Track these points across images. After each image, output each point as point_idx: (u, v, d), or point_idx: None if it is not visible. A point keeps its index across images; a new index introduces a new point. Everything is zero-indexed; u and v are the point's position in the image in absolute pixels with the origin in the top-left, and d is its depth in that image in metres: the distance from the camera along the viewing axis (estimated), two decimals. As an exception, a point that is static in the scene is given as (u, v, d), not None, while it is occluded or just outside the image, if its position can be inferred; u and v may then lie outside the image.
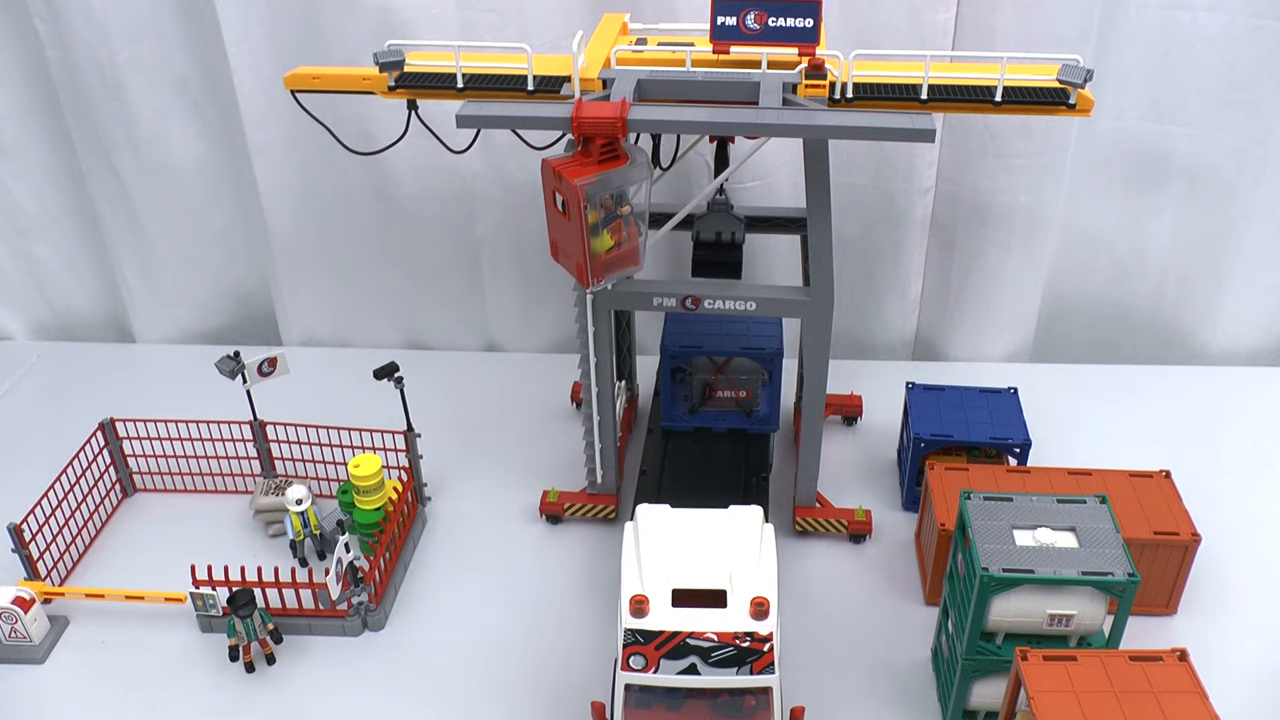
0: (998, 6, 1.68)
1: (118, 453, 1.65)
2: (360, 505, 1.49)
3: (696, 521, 1.22)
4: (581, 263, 1.26)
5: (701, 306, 1.40)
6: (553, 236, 1.31)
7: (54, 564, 1.50)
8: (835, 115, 1.24)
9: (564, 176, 1.21)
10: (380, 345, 2.09)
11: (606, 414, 1.51)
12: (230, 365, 1.52)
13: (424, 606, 1.47)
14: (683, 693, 1.10)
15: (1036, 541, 1.19)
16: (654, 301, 1.41)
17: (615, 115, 1.20)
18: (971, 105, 1.30)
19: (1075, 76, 1.27)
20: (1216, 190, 1.86)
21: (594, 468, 1.56)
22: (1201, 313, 1.99)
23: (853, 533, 1.54)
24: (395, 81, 1.35)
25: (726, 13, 1.31)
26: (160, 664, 1.39)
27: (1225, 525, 1.51)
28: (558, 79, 1.34)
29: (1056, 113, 1.29)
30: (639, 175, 1.26)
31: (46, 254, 2.09)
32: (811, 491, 1.54)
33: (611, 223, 1.27)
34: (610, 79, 1.32)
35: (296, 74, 1.41)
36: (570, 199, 1.21)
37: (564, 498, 1.59)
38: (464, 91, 1.33)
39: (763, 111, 1.24)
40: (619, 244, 1.29)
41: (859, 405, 1.78)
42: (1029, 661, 1.11)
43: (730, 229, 1.47)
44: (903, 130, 1.21)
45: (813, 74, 1.30)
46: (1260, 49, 1.71)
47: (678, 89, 1.33)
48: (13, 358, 2.06)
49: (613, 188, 1.24)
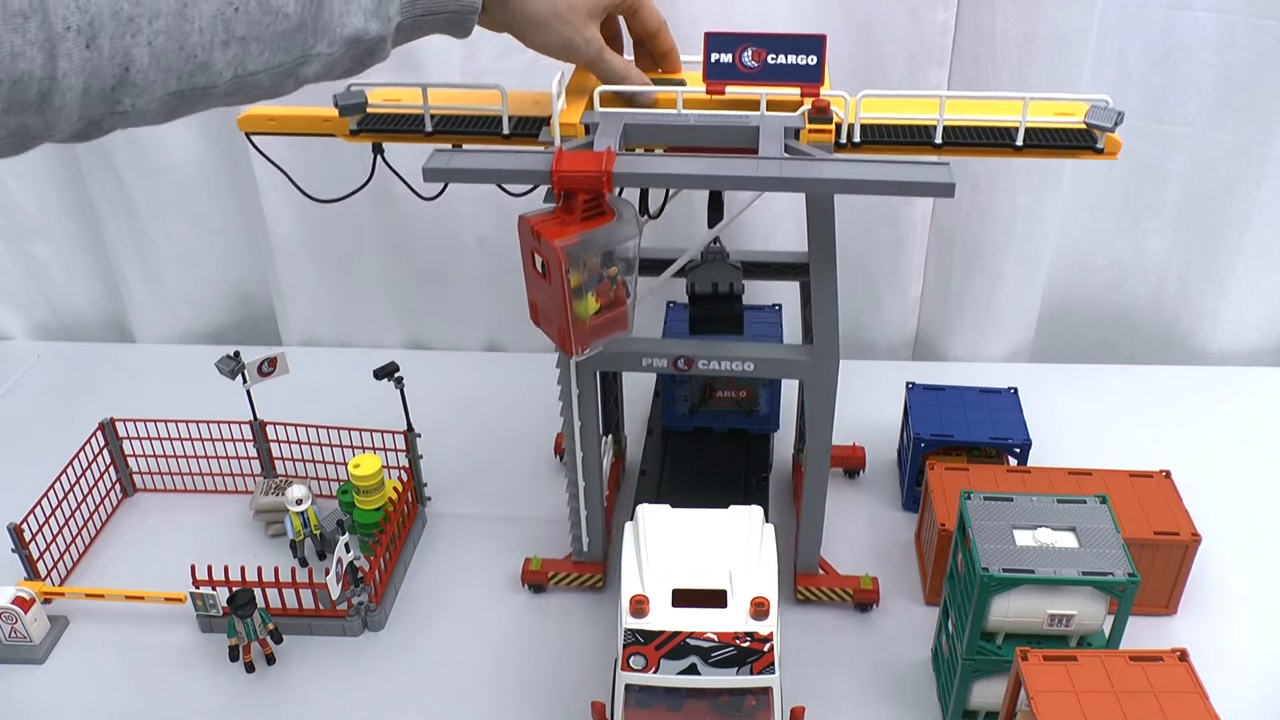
0: (998, 6, 1.68)
1: (118, 453, 1.65)
2: (360, 505, 1.49)
3: (696, 521, 1.22)
4: (564, 329, 1.12)
5: (695, 368, 1.29)
6: (532, 298, 1.18)
7: (54, 564, 1.50)
8: (843, 167, 1.10)
9: (543, 237, 1.07)
10: (380, 345, 2.09)
11: (593, 479, 1.40)
12: (230, 365, 1.52)
13: (424, 606, 1.47)
14: (683, 693, 1.10)
15: (1036, 541, 1.19)
16: (644, 363, 1.30)
17: (599, 169, 1.07)
18: (990, 149, 1.19)
19: (1105, 120, 1.17)
20: (1216, 190, 1.86)
21: (579, 534, 1.46)
22: (1201, 313, 1.99)
23: (858, 602, 1.43)
24: (357, 125, 1.25)
25: (721, 49, 1.20)
26: (160, 664, 1.39)
27: (1225, 525, 1.51)
28: (536, 120, 1.23)
29: (1082, 157, 1.19)
30: (627, 233, 1.12)
31: (46, 254, 2.09)
32: (814, 558, 1.44)
33: (597, 285, 1.13)
34: (594, 123, 1.20)
35: (250, 115, 1.29)
36: (551, 261, 1.08)
37: (548, 566, 1.48)
38: (433, 135, 1.23)
39: (763, 163, 1.11)
40: (605, 307, 1.15)
41: (862, 457, 1.67)
42: (1029, 661, 1.11)
43: (728, 279, 1.38)
44: (919, 185, 1.07)
45: (817, 118, 1.18)
46: (1260, 49, 1.71)
47: (668, 134, 1.21)
48: (13, 358, 2.07)
49: (598, 247, 1.10)
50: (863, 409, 1.78)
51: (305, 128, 1.29)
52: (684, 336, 1.53)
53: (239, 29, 0.87)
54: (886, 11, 1.71)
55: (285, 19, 0.90)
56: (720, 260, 1.40)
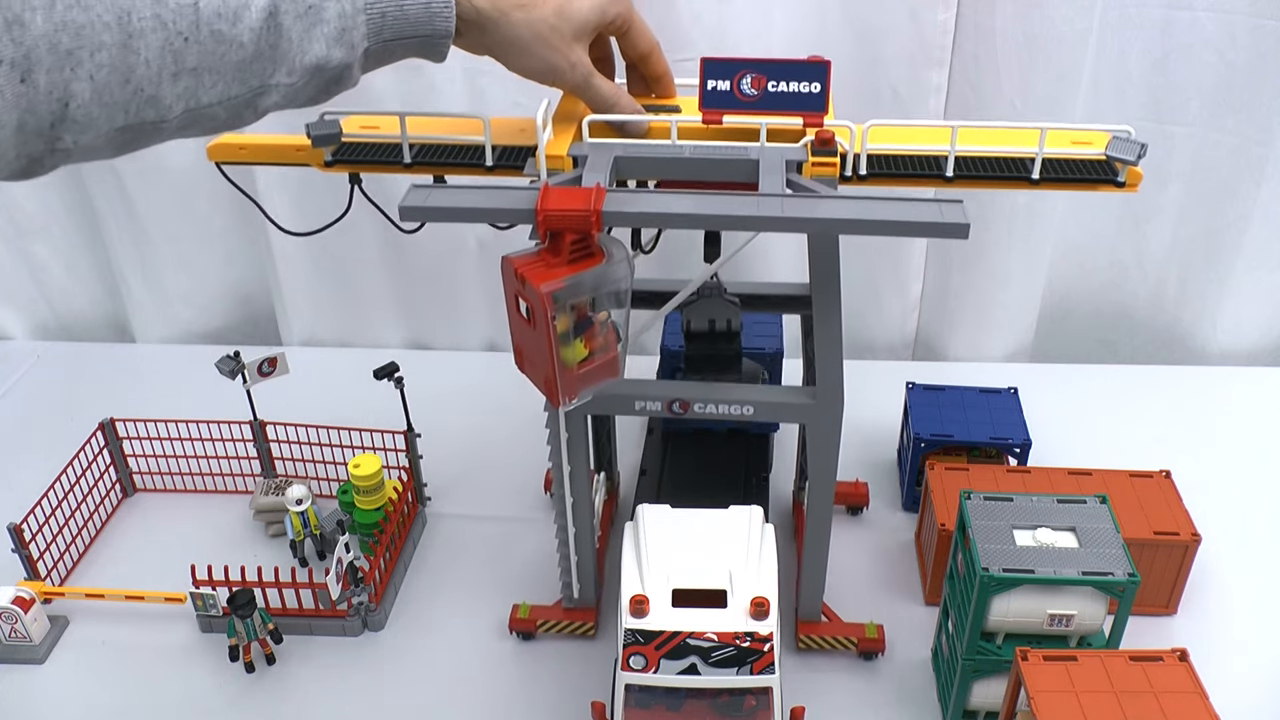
0: (998, 6, 1.68)
1: (118, 453, 1.65)
2: (360, 505, 1.49)
3: (696, 521, 1.22)
4: (550, 378, 1.05)
5: (691, 410, 1.21)
6: (516, 342, 1.10)
7: (54, 564, 1.50)
8: (849, 206, 1.02)
9: (527, 280, 0.99)
10: (380, 345, 2.10)
11: (584, 524, 1.33)
12: (230, 365, 1.52)
13: (424, 606, 1.47)
14: (683, 693, 1.10)
15: (1036, 541, 1.19)
16: (636, 405, 1.23)
17: (588, 207, 0.99)
18: (1004, 181, 1.13)
19: (1127, 153, 1.10)
20: (1216, 190, 1.86)
21: (569, 581, 1.38)
22: (1201, 313, 1.99)
23: (863, 650, 1.36)
24: (332, 156, 1.20)
25: (718, 76, 1.12)
26: (160, 664, 1.39)
27: (1225, 525, 1.51)
28: (522, 150, 1.17)
29: (1101, 190, 1.13)
30: (618, 275, 1.04)
31: (46, 254, 2.09)
32: (816, 605, 1.37)
33: (586, 330, 1.05)
34: (582, 156, 1.12)
35: (221, 144, 1.23)
36: (535, 306, 1.00)
37: (536, 614, 1.40)
38: (412, 166, 1.18)
39: (763, 200, 1.02)
40: (595, 352, 1.07)
41: (865, 494, 1.60)
42: (1029, 661, 1.11)
43: (725, 316, 1.32)
44: (931, 226, 1.00)
45: (821, 150, 1.11)
46: (1260, 49, 1.71)
47: (662, 168, 1.14)
48: (13, 358, 2.07)
49: (587, 291, 1.02)
50: (863, 409, 1.78)
51: (278, 157, 1.24)
52: (682, 342, 1.48)
53: (190, 60, 0.82)
54: (886, 11, 1.71)
55: (240, 48, 0.85)
56: (716, 296, 1.33)
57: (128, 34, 0.78)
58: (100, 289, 2.15)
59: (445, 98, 1.77)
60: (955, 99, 1.78)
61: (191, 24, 0.82)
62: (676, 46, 1.69)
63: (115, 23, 0.78)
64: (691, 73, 1.16)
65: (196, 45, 0.82)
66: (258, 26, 0.86)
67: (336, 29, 0.92)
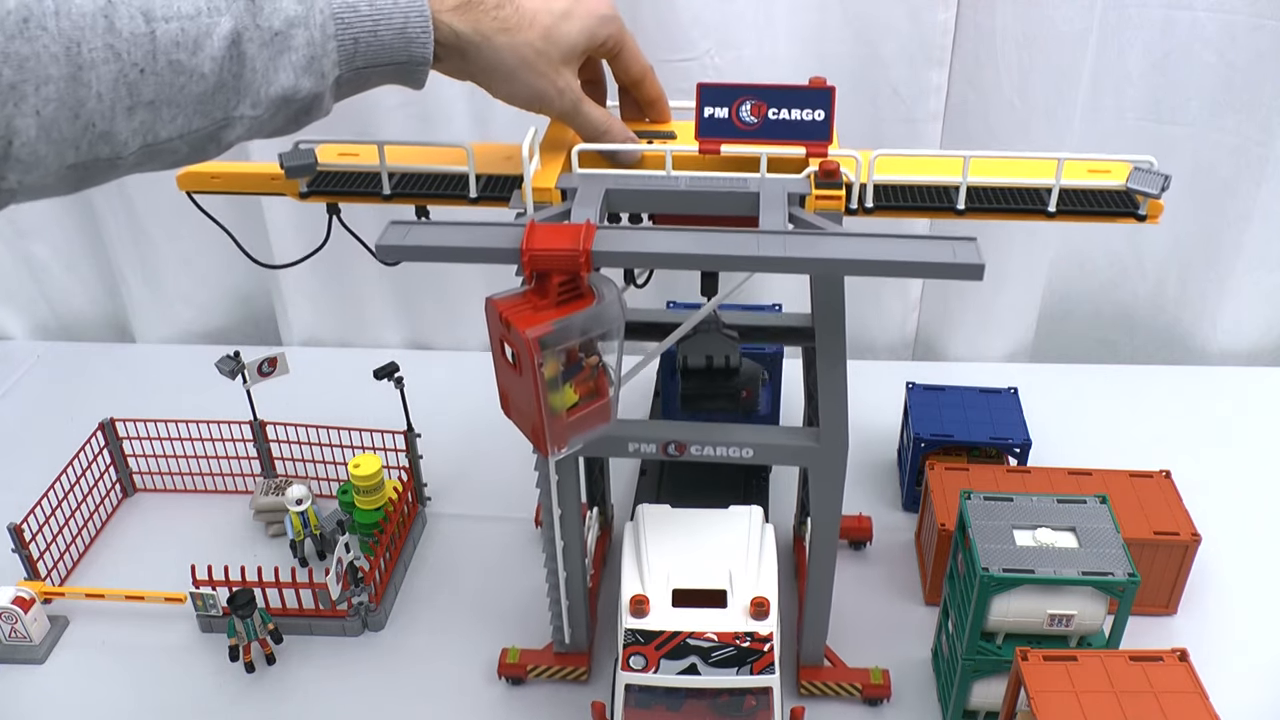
0: (998, 6, 1.68)
1: (118, 453, 1.65)
2: (360, 505, 1.49)
3: (696, 521, 1.22)
4: (537, 426, 0.98)
5: (688, 452, 1.15)
6: (502, 387, 1.03)
7: (54, 564, 1.50)
8: (856, 245, 0.95)
9: (513, 325, 0.93)
10: (380, 345, 2.10)
11: (575, 568, 1.26)
12: (230, 365, 1.52)
13: (424, 606, 1.47)
14: (683, 693, 1.10)
15: (1036, 541, 1.19)
16: (629, 448, 1.16)
17: (577, 247, 0.92)
18: (1020, 214, 1.08)
19: (1150, 185, 1.05)
20: (1216, 190, 1.86)
21: (560, 625, 1.32)
22: (1201, 313, 1.99)
23: (868, 697, 1.31)
24: (308, 186, 1.14)
25: (715, 102, 1.05)
26: (160, 664, 1.39)
27: (1225, 525, 1.51)
28: (507, 180, 1.12)
29: (1121, 222, 1.08)
30: (610, 316, 0.96)
31: (46, 254, 2.09)
32: (819, 650, 1.31)
33: (576, 374, 0.98)
34: (571, 188, 1.06)
35: (191, 173, 1.18)
36: (521, 352, 0.93)
37: (526, 658, 1.34)
38: (392, 197, 1.13)
39: (764, 238, 0.95)
40: (585, 398, 1.00)
41: (868, 529, 1.54)
42: (1029, 661, 1.11)
43: (723, 352, 1.25)
44: (945, 267, 0.93)
45: (825, 182, 1.04)
46: (1260, 49, 1.71)
47: (656, 201, 1.07)
48: (13, 358, 2.07)
49: (576, 334, 0.95)
50: (863, 409, 1.78)
51: (252, 186, 1.19)
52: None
53: (146, 93, 0.76)
54: (886, 11, 1.71)
55: (201, 79, 0.79)
56: (713, 330, 1.27)
57: (77, 65, 0.72)
58: (100, 289, 2.15)
59: (446, 105, 1.77)
60: (955, 99, 1.78)
61: (147, 54, 0.76)
62: (676, 46, 1.69)
63: (63, 54, 0.71)
64: (692, 73, 1.13)
65: (153, 76, 0.76)
66: (220, 56, 0.80)
67: (305, 57, 0.87)
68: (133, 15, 0.75)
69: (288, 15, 0.85)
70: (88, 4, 0.73)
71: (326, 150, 1.17)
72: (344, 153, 1.17)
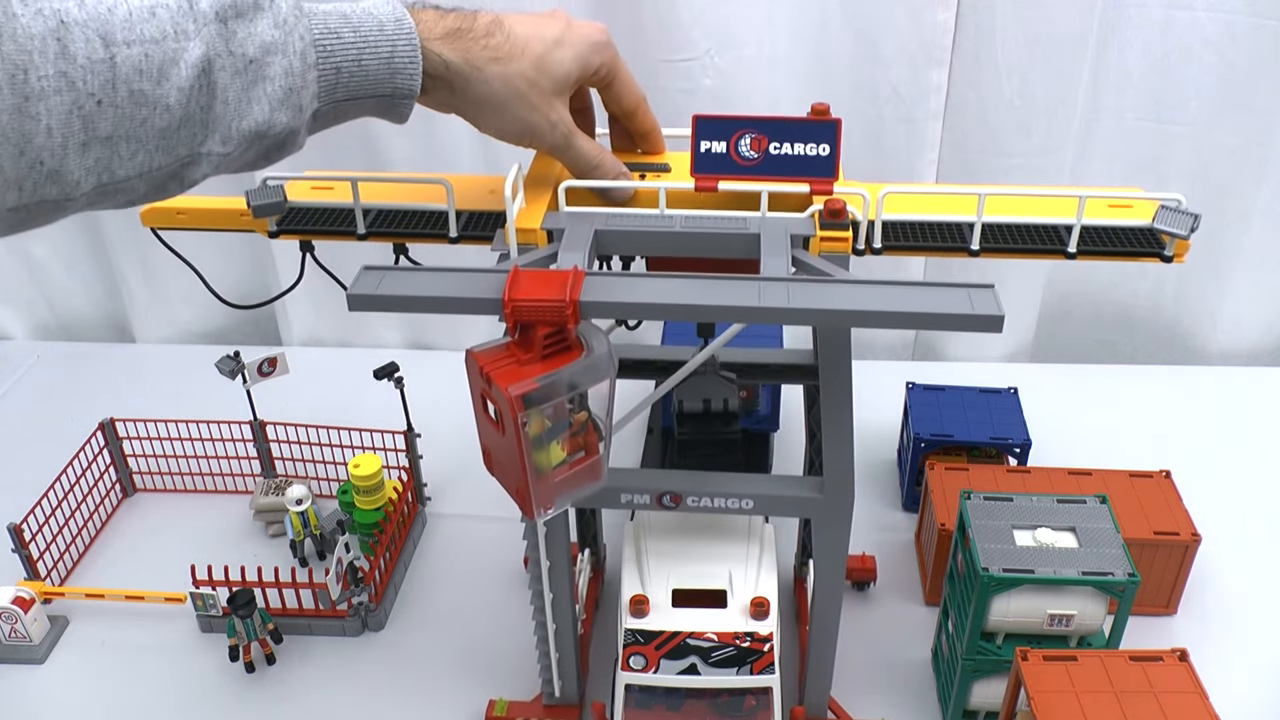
0: (998, 6, 1.68)
1: (118, 453, 1.64)
2: (360, 505, 1.49)
3: (696, 521, 1.22)
4: (522, 487, 0.91)
5: (684, 504, 1.08)
6: (484, 443, 0.96)
7: (54, 564, 1.50)
8: (865, 294, 0.87)
9: (494, 381, 0.85)
10: (380, 345, 2.10)
11: (565, 620, 1.18)
12: (230, 365, 1.52)
13: (424, 606, 1.47)
14: (683, 693, 1.10)
15: (1036, 541, 1.19)
16: (622, 499, 1.09)
17: (563, 297, 0.84)
18: (1038, 253, 1.02)
19: (1178, 226, 0.99)
20: (1216, 190, 1.86)
21: (550, 678, 1.25)
22: (1201, 313, 1.99)
23: None
24: (277, 226, 1.08)
25: (712, 136, 0.98)
26: (160, 664, 1.39)
27: (1225, 525, 1.51)
28: (490, 217, 1.05)
29: (1144, 260, 1.02)
30: (599, 370, 0.88)
31: (46, 254, 2.09)
32: (823, 700, 1.23)
33: (563, 430, 0.90)
34: (558, 229, 0.98)
35: (155, 209, 1.11)
36: (504, 410, 0.86)
37: (515, 710, 1.27)
38: (367, 235, 1.07)
39: (765, 286, 0.87)
40: (572, 455, 0.92)
41: (872, 569, 1.46)
42: (1029, 661, 1.11)
43: (721, 395, 1.20)
44: (960, 318, 0.88)
45: (830, 222, 0.97)
46: (1260, 49, 1.71)
47: (649, 243, 1.00)
48: (13, 358, 2.07)
49: (563, 390, 0.87)
50: (863, 409, 1.77)
51: (220, 223, 1.12)
52: (684, 342, 1.39)
53: (103, 127, 0.67)
54: (886, 11, 1.71)
55: (165, 112, 0.70)
56: (710, 372, 1.20)
57: (23, 96, 0.63)
58: (100, 289, 2.15)
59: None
60: (955, 99, 1.78)
61: (106, 83, 0.67)
62: (677, 46, 1.69)
63: (6, 82, 0.63)
64: (693, 73, 1.08)
65: (112, 109, 0.67)
66: (187, 86, 0.71)
67: (282, 88, 0.78)
68: (89, 39, 0.66)
69: (264, 41, 0.76)
70: (37, 25, 0.64)
71: (298, 185, 1.11)
72: (317, 186, 1.10)
